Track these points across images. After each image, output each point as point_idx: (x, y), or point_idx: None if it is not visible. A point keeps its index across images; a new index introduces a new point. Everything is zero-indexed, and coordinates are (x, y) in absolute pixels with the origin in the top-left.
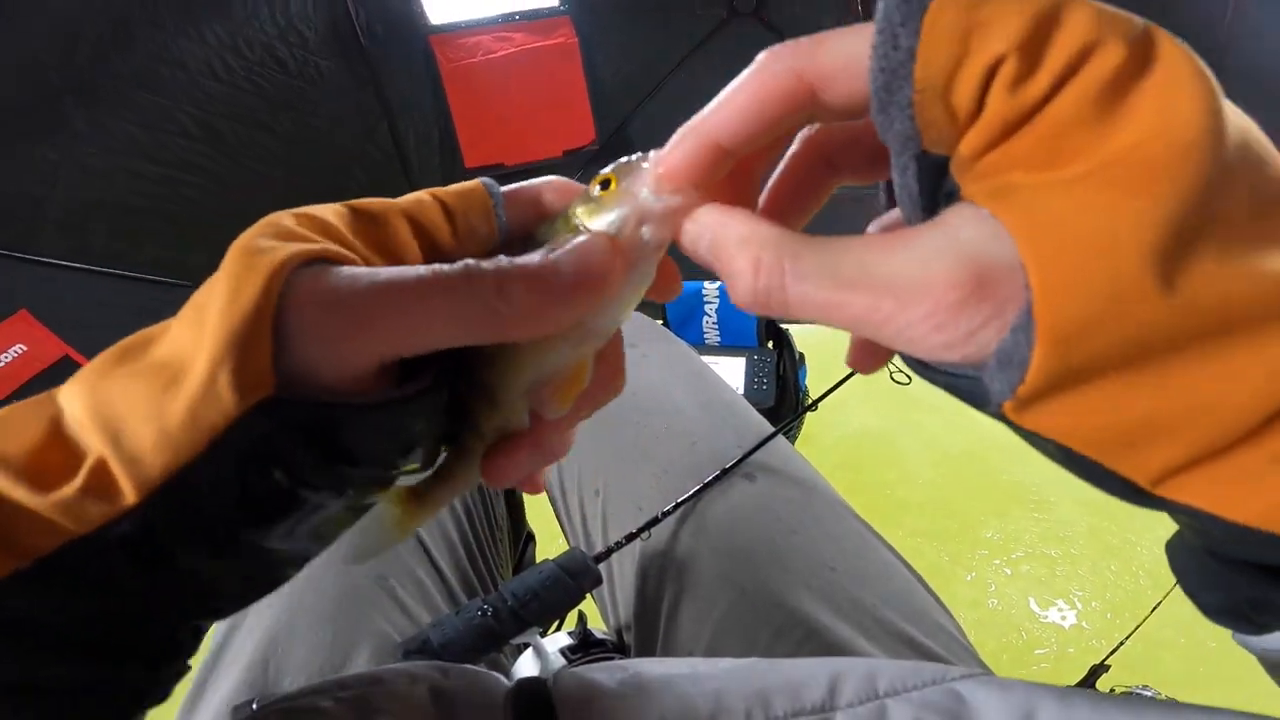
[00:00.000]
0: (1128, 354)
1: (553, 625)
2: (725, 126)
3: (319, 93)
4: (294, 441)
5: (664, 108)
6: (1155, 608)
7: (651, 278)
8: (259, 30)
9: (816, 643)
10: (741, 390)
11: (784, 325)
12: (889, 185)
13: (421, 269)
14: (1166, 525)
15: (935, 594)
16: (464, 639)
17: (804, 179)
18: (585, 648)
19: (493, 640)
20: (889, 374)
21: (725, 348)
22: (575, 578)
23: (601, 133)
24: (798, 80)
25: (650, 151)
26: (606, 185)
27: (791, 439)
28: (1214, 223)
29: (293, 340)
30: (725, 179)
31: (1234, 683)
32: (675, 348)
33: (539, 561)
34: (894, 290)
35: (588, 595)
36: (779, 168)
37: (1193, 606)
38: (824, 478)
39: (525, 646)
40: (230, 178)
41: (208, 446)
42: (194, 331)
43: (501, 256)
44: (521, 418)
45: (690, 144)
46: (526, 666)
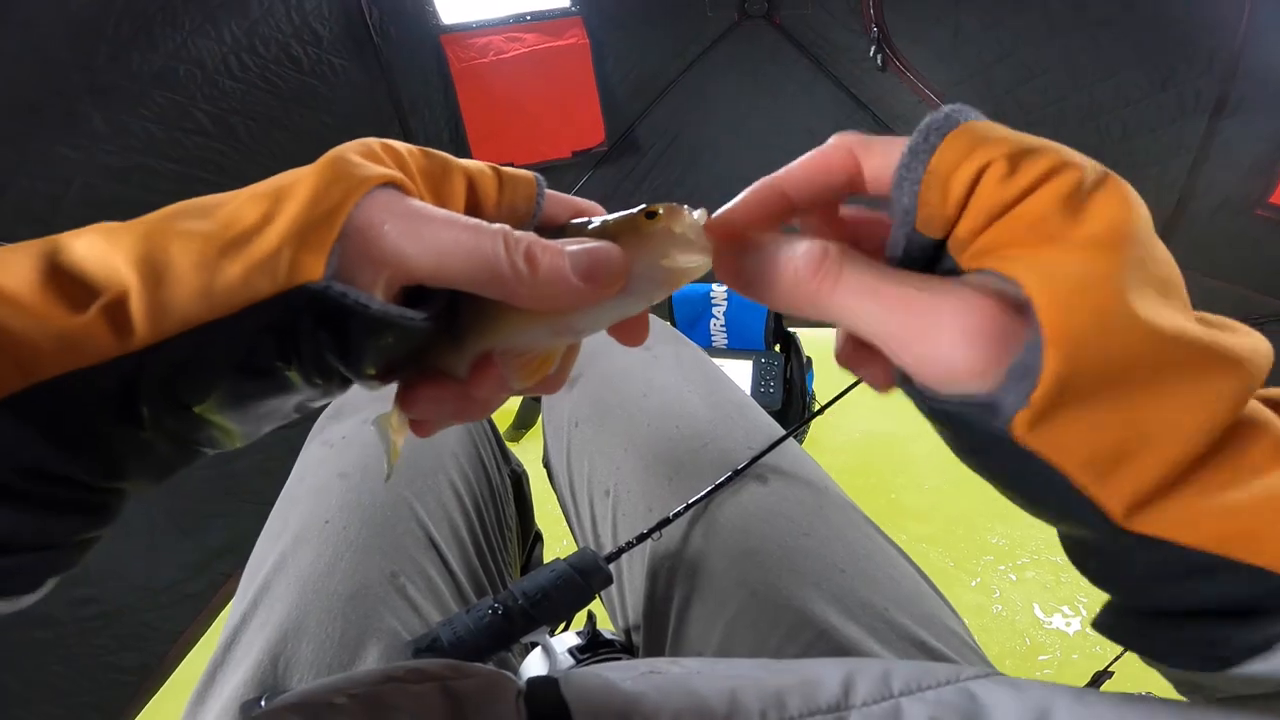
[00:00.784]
0: (1110, 372)
1: (562, 625)
2: (791, 178)
3: (332, 90)
4: (310, 325)
5: (674, 110)
6: None
7: (636, 311)
8: (274, 29)
9: (827, 644)
10: (749, 393)
11: (791, 329)
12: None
13: (469, 218)
14: None
15: (945, 598)
16: (475, 637)
17: (770, 205)
18: (594, 648)
19: (503, 639)
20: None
21: (733, 350)
22: (586, 577)
23: (611, 134)
24: (849, 154)
25: (700, 209)
26: (652, 216)
27: (798, 442)
28: (1151, 280)
29: (349, 244)
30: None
31: None
32: (687, 349)
33: (547, 561)
34: (934, 314)
35: (597, 596)
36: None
37: None
38: (834, 481)
39: (533, 646)
40: (244, 174)
41: (244, 308)
42: (266, 209)
43: (532, 233)
44: (465, 368)
45: (763, 189)
46: (535, 666)
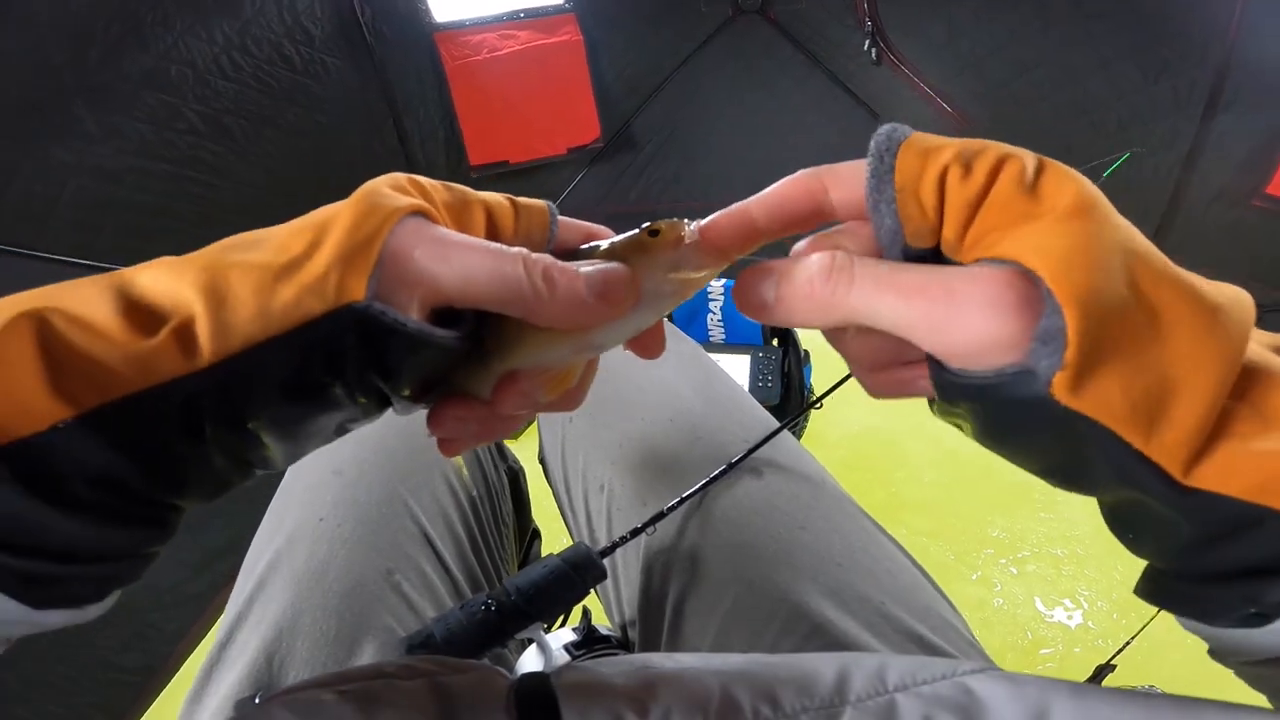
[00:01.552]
0: (1124, 324)
1: (557, 621)
2: (759, 206)
3: (325, 89)
4: (355, 342)
5: (669, 105)
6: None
7: (649, 325)
8: (266, 28)
9: (823, 638)
10: (746, 388)
11: None
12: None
13: (491, 243)
14: None
15: (942, 591)
16: (467, 634)
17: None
18: (589, 643)
19: (496, 635)
20: None
21: (730, 345)
22: (580, 572)
23: (606, 130)
24: (818, 182)
25: (696, 222)
26: (655, 234)
27: (796, 436)
28: (1123, 239)
29: (385, 268)
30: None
31: (1240, 684)
32: (684, 345)
33: (543, 556)
34: (955, 294)
35: (592, 591)
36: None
37: None
38: (831, 474)
39: (529, 642)
40: (238, 174)
41: (296, 327)
42: (312, 238)
43: (548, 255)
44: (489, 388)
45: (734, 215)
46: (530, 662)
